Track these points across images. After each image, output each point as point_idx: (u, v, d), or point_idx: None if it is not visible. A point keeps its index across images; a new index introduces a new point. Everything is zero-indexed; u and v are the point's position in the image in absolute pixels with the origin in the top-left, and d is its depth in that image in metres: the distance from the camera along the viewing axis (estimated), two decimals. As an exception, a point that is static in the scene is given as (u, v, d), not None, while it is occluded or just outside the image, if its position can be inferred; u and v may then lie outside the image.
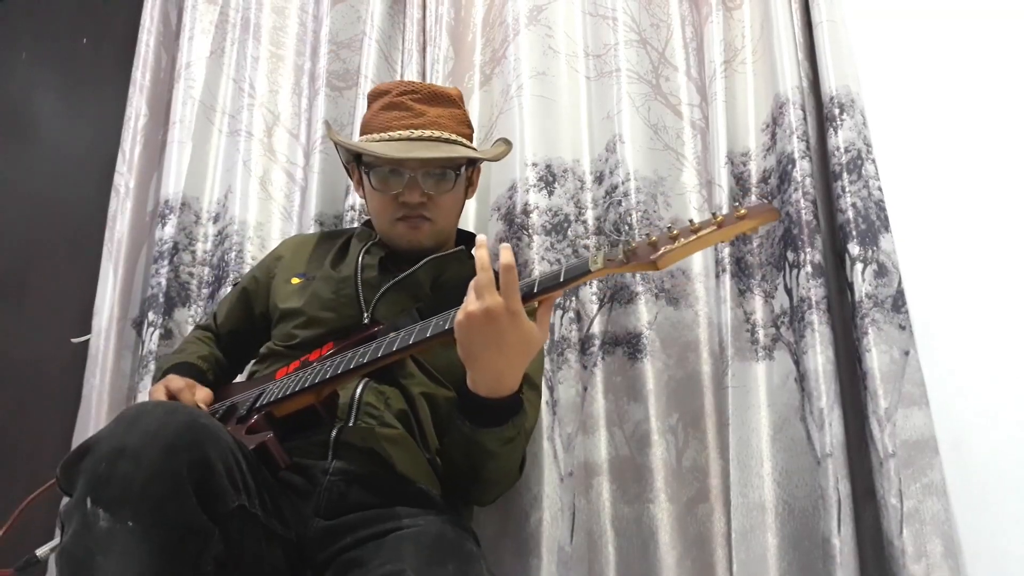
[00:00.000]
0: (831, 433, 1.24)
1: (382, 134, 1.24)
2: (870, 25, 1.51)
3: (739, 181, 1.49)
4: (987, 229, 1.34)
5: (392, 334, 1.04)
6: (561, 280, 0.91)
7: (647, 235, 0.90)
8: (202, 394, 1.17)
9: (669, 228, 0.89)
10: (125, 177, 1.98)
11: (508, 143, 1.38)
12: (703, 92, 1.60)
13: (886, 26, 1.50)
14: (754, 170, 1.48)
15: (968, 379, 1.30)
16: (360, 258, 1.28)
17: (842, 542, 1.18)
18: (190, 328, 1.75)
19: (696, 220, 0.89)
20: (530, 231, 1.52)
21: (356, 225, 1.49)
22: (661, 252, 0.86)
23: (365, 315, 1.21)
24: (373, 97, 1.32)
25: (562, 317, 1.50)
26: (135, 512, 0.77)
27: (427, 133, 1.23)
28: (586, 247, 1.55)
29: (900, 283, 1.31)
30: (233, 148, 1.90)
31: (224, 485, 0.84)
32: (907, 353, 1.27)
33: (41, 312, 2.04)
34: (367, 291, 1.23)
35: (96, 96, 2.21)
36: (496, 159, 1.34)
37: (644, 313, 1.45)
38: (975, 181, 1.37)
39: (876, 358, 1.25)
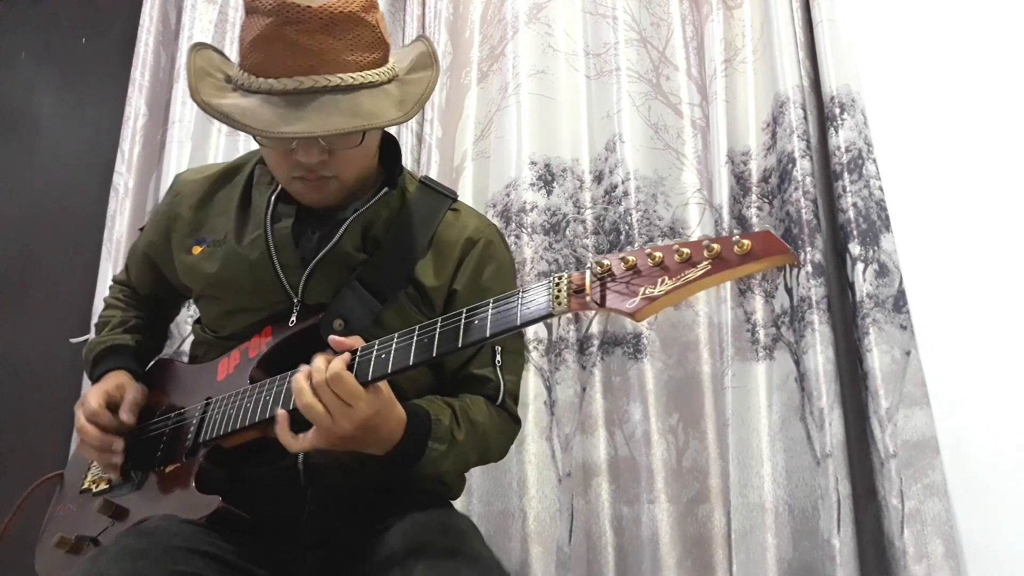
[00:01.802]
0: (831, 433, 1.23)
1: (261, 80, 0.93)
2: (871, 24, 1.50)
3: (739, 180, 1.49)
4: (988, 229, 1.34)
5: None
6: (517, 324, 0.78)
7: (623, 257, 0.73)
8: (129, 397, 1.08)
9: (650, 255, 0.72)
10: (124, 177, 1.98)
11: (432, 60, 1.05)
12: (703, 91, 1.60)
13: (887, 25, 1.50)
14: (754, 169, 1.48)
15: (969, 379, 1.29)
16: (269, 231, 1.06)
17: (842, 542, 1.18)
18: (189, 328, 1.74)
19: (687, 248, 0.71)
20: (528, 230, 1.52)
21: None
22: (639, 302, 0.70)
23: (295, 300, 1.04)
24: (249, 7, 0.95)
25: (560, 317, 1.49)
26: None
27: (321, 82, 0.92)
28: (585, 247, 1.54)
29: (901, 283, 1.31)
30: (232, 148, 1.90)
31: None
32: (908, 353, 1.27)
33: (41, 312, 2.04)
34: (289, 274, 1.04)
35: (95, 96, 2.20)
36: (408, 117, 1.00)
37: (644, 313, 1.44)
38: (977, 181, 1.36)
39: (877, 358, 1.25)
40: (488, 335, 0.79)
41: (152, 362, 1.23)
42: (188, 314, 1.85)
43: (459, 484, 1.16)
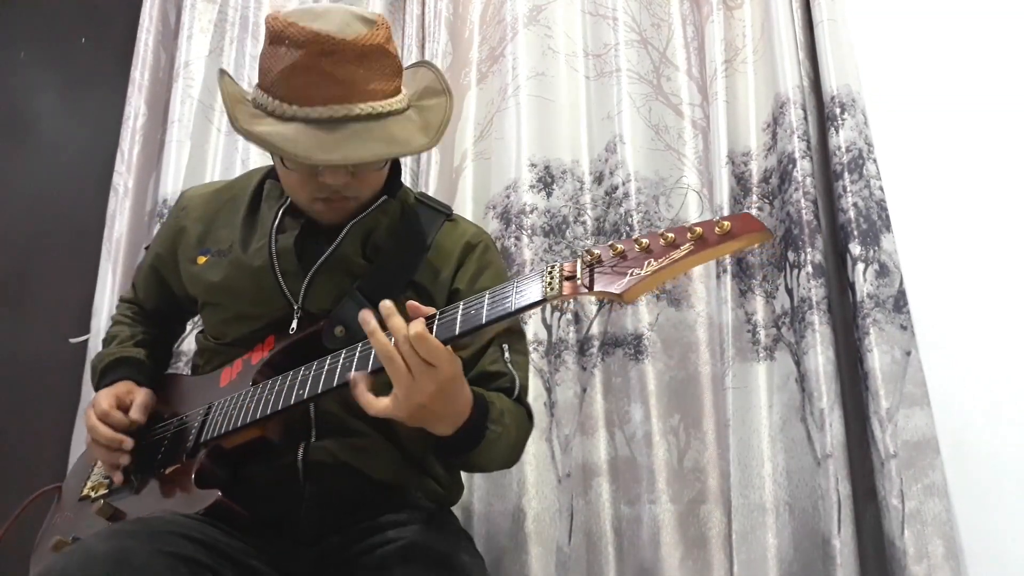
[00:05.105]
0: (831, 433, 1.23)
1: (295, 108, 0.96)
2: (871, 24, 1.50)
3: (740, 181, 1.49)
4: (989, 229, 1.34)
5: (336, 356, 0.95)
6: (512, 310, 0.80)
7: (611, 245, 0.78)
8: (140, 399, 1.10)
9: (637, 241, 0.76)
10: (124, 177, 1.98)
11: (444, 87, 1.08)
12: (704, 92, 1.60)
13: (887, 25, 1.50)
14: (755, 170, 1.48)
15: (970, 379, 1.29)
16: (273, 240, 1.09)
17: (842, 543, 1.18)
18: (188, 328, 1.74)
19: (672, 233, 0.75)
20: (528, 232, 1.52)
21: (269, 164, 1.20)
22: (627, 281, 0.73)
23: (295, 307, 1.06)
24: (276, 37, 0.97)
25: (560, 319, 1.49)
26: None
27: (354, 110, 0.96)
28: (585, 249, 1.54)
29: (901, 283, 1.31)
30: (232, 147, 1.90)
31: None
32: (908, 353, 1.27)
33: (40, 312, 2.03)
34: (290, 280, 1.06)
35: (95, 95, 2.20)
36: (434, 144, 1.06)
37: (645, 314, 1.44)
38: (977, 181, 1.36)
39: (877, 358, 1.25)
40: (484, 322, 0.81)
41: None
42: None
43: (457, 490, 1.17)
